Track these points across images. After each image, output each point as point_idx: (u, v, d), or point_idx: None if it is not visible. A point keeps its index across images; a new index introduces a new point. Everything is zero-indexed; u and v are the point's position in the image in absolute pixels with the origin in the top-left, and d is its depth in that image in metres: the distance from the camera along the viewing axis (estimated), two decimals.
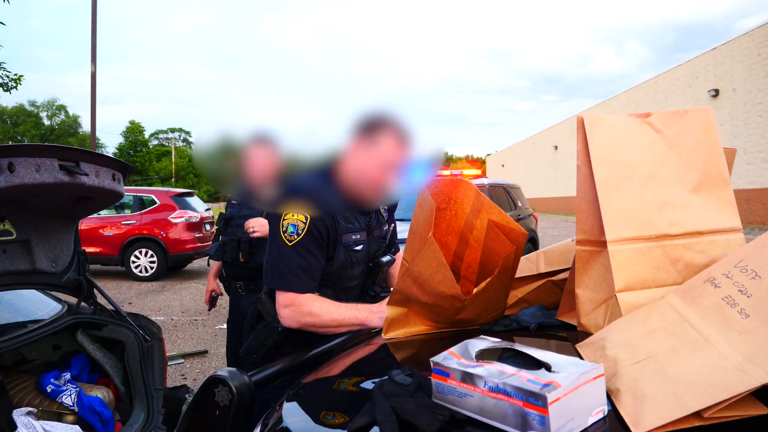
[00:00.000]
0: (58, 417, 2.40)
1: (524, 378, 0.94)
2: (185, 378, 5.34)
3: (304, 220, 1.86)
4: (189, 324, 7.60)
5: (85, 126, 65.08)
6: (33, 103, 60.61)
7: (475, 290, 1.40)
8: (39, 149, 2.04)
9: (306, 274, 1.88)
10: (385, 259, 2.12)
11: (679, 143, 1.36)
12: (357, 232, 2.00)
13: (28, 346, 2.66)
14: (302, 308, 1.88)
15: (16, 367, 2.78)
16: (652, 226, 1.29)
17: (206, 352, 6.23)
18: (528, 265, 1.70)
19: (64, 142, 58.19)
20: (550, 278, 1.67)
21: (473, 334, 1.62)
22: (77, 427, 2.30)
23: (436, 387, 1.06)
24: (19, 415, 2.18)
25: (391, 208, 2.24)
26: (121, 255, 11.38)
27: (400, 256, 2.18)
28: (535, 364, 1.03)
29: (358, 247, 2.00)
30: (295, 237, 1.85)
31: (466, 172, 9.06)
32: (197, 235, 11.74)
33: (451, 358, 1.07)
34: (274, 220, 1.89)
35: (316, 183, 1.93)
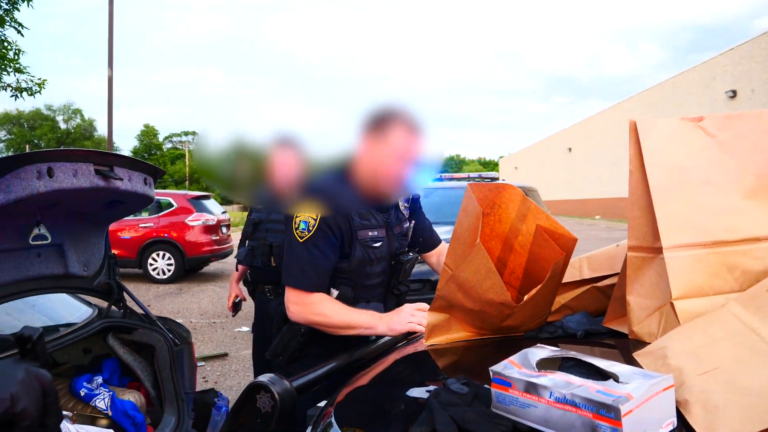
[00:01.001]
0: (92, 421, 2.41)
1: (593, 389, 0.92)
2: (206, 381, 5.35)
3: (315, 217, 1.86)
4: (208, 327, 7.62)
5: (100, 129, 65.66)
6: (49, 107, 61.25)
7: (526, 297, 1.38)
8: (75, 154, 2.04)
9: (314, 271, 1.88)
10: (407, 257, 2.09)
11: (733, 147, 1.34)
12: (374, 228, 1.98)
13: (61, 350, 2.66)
14: (313, 307, 1.89)
15: (49, 371, 2.79)
16: (708, 232, 1.27)
17: (226, 355, 6.24)
18: (570, 270, 1.67)
19: (79, 145, 58.72)
20: (594, 284, 1.64)
21: (517, 341, 1.60)
22: (111, 431, 2.31)
23: (497, 397, 1.04)
24: None
25: (413, 206, 2.21)
26: (138, 257, 11.45)
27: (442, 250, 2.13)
28: (600, 374, 1.01)
29: (377, 244, 1.99)
30: (306, 234, 1.86)
31: (484, 175, 9.03)
32: (214, 238, 11.78)
33: (511, 367, 1.05)
34: (289, 217, 1.92)
35: (331, 182, 1.94)
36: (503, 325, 1.50)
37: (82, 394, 2.50)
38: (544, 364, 1.07)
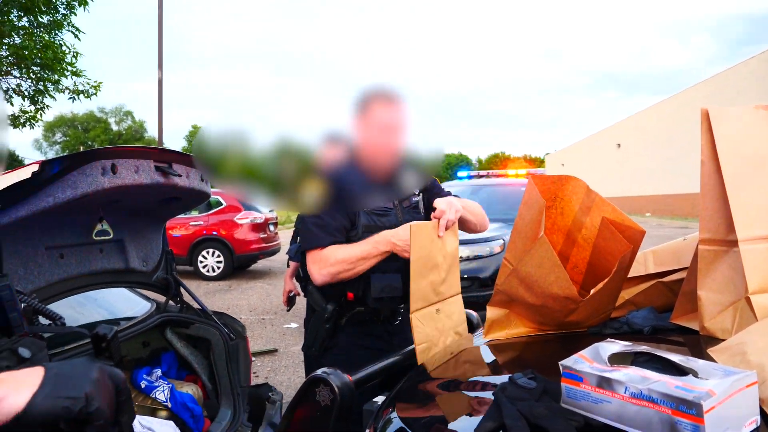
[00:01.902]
0: (153, 412, 2.47)
1: (672, 384, 0.89)
2: (257, 376, 5.43)
3: None
4: (257, 323, 7.74)
5: (150, 131, 67.42)
6: (102, 110, 63.22)
7: (592, 291, 1.34)
8: (136, 151, 2.10)
9: (322, 231, 2.01)
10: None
11: None
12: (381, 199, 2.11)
13: (121, 343, 2.74)
14: (327, 259, 1.99)
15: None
16: None
17: (276, 350, 6.32)
18: (635, 265, 1.62)
19: None
20: (660, 279, 1.59)
21: (580, 337, 1.57)
22: (171, 422, 2.36)
23: (567, 392, 1.02)
24: None
25: (427, 186, 2.28)
26: (189, 255, 11.70)
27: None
28: (676, 370, 0.97)
29: (383, 213, 2.09)
30: None
31: (531, 171, 8.92)
32: (262, 236, 11.96)
33: (582, 361, 1.02)
34: None
35: (342, 167, 2.04)
36: (566, 321, 1.47)
37: (143, 386, 2.57)
38: (616, 359, 1.04)
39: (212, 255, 11.75)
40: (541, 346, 1.53)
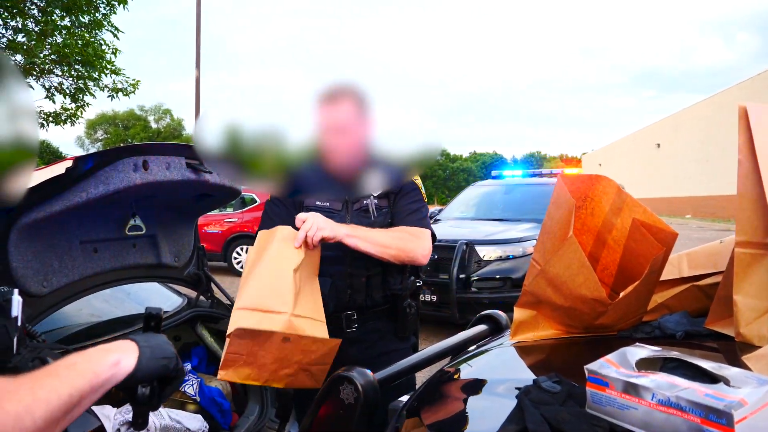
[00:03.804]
0: (181, 405, 2.50)
1: (701, 392, 0.85)
2: None
3: None
4: None
5: (188, 129, 68.57)
6: (142, 108, 64.53)
7: (622, 293, 1.31)
8: (168, 148, 2.12)
9: (269, 220, 2.02)
10: None
11: None
12: (326, 200, 2.06)
13: None
14: None
15: None
16: None
17: None
18: (668, 268, 1.57)
19: None
20: (694, 283, 1.54)
21: (609, 340, 1.53)
22: (199, 416, 2.39)
23: (592, 397, 0.99)
24: None
25: (393, 188, 2.10)
26: (223, 251, 11.87)
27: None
28: (707, 377, 0.94)
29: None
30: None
31: (567, 171, 8.78)
32: None
33: (608, 366, 0.99)
34: None
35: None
36: (595, 324, 1.43)
37: None
38: (644, 364, 1.01)
39: (246, 251, 11.89)
40: (568, 348, 1.49)
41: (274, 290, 1.69)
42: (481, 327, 2.09)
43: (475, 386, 1.36)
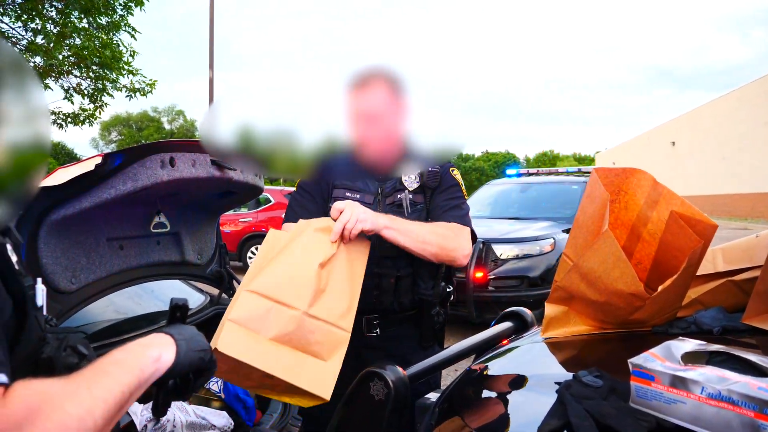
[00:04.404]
0: (206, 402, 2.51)
1: (754, 385, 0.84)
2: None
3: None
4: None
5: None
6: (155, 109, 65.00)
7: (660, 287, 1.29)
8: (194, 145, 2.13)
9: (291, 214, 1.93)
10: None
11: None
12: (357, 192, 1.93)
13: None
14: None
15: None
16: None
17: None
18: (702, 263, 1.55)
19: None
20: (730, 278, 1.52)
21: (643, 336, 1.51)
22: (224, 412, 2.39)
23: (637, 391, 0.97)
24: None
25: (430, 181, 1.97)
26: (238, 251, 11.91)
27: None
28: (756, 371, 0.92)
29: None
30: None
31: (584, 169, 8.72)
32: None
33: (653, 359, 0.98)
34: None
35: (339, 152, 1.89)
36: (630, 319, 1.42)
37: None
38: (690, 358, 0.99)
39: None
40: (603, 344, 1.48)
41: (293, 281, 1.53)
42: (507, 324, 2.08)
43: (510, 382, 1.35)
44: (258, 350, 1.45)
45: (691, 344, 1.03)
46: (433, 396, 1.70)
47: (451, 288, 2.10)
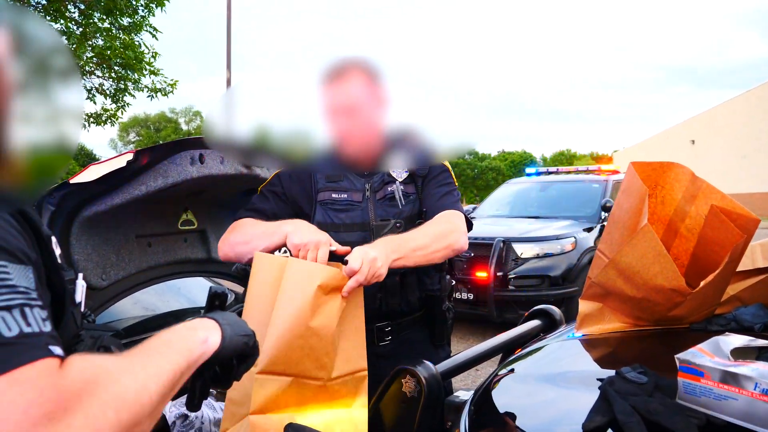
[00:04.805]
0: None
1: None
2: None
3: (277, 172, 1.85)
4: None
5: None
6: (173, 110, 65.51)
7: (702, 282, 1.26)
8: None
9: (251, 212, 1.81)
10: (386, 226, 1.79)
11: None
12: (344, 191, 1.82)
13: None
14: (230, 228, 1.79)
15: None
16: None
17: None
18: (741, 259, 1.53)
19: None
20: None
21: (680, 333, 1.48)
22: None
23: (684, 387, 0.96)
24: None
25: (421, 170, 1.89)
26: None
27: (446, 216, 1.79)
28: None
29: (344, 209, 1.80)
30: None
31: (605, 167, 8.62)
32: None
33: (701, 355, 0.96)
34: None
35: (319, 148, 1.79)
36: (669, 315, 1.39)
37: None
38: (739, 354, 0.97)
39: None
40: (641, 341, 1.45)
41: (312, 353, 1.40)
42: (535, 322, 2.06)
43: (547, 379, 1.33)
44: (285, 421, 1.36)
45: (739, 339, 1.01)
46: (462, 394, 1.69)
47: (454, 281, 2.03)
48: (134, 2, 10.71)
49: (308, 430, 1.36)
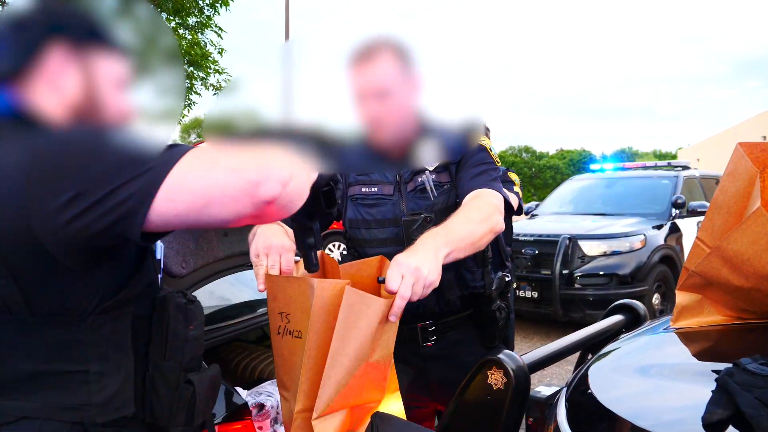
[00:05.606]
0: None
1: None
2: None
3: None
4: None
5: None
6: None
7: None
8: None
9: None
10: (417, 220, 1.62)
11: None
12: (374, 185, 1.72)
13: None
14: None
15: (261, 342, 2.99)
16: None
17: None
18: None
19: None
20: None
21: None
22: None
23: None
24: (267, 385, 2.32)
25: (452, 156, 1.72)
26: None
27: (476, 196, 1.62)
28: None
29: (375, 203, 1.70)
30: None
31: (674, 163, 8.30)
32: None
33: None
34: None
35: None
36: None
37: None
38: None
39: (338, 248, 12.07)
40: (743, 334, 1.37)
41: (369, 383, 1.31)
42: (618, 317, 1.99)
43: (651, 372, 1.26)
44: None
45: None
46: (544, 389, 1.63)
47: (509, 277, 1.80)
48: (200, 1, 11.01)
49: (394, 419, 1.34)
